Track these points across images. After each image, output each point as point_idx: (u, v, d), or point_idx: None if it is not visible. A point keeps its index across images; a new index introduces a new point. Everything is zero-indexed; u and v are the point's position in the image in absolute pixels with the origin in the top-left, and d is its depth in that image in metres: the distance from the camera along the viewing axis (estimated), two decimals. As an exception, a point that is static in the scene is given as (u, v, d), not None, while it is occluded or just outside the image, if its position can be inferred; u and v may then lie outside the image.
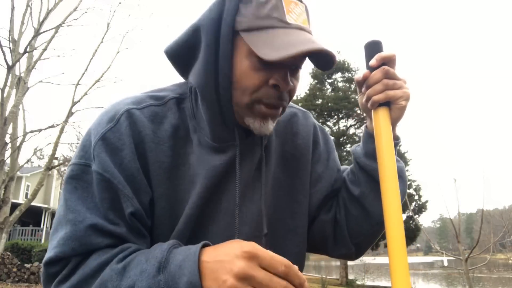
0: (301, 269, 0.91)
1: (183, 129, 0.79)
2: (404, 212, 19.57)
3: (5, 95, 9.08)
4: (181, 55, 0.80)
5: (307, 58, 0.77)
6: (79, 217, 0.68)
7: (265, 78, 0.72)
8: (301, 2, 0.75)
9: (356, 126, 20.96)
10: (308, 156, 0.92)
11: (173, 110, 0.79)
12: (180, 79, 0.86)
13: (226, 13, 0.72)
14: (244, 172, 0.80)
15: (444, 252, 6.45)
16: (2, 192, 8.88)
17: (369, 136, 0.87)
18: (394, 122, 0.83)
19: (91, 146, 0.72)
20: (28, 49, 9.64)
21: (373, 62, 0.80)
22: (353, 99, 20.11)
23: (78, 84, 10.34)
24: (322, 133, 0.99)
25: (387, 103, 0.80)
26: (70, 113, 10.08)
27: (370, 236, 0.91)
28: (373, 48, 0.82)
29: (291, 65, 0.74)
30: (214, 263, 0.58)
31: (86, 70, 10.50)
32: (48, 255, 0.69)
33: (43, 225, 19.71)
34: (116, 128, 0.73)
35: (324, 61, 0.75)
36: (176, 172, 0.76)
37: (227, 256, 0.58)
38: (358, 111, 19.54)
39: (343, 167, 1.01)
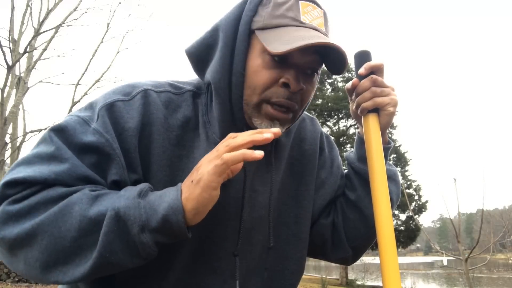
0: (301, 273, 0.92)
1: (194, 122, 0.79)
2: (404, 212, 19.56)
3: (5, 95, 9.09)
4: (199, 54, 0.81)
5: (323, 64, 0.76)
6: (65, 155, 0.65)
7: (276, 76, 0.73)
8: (320, 8, 0.76)
9: (356, 126, 20.82)
10: (314, 162, 0.93)
11: (188, 102, 0.80)
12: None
13: (245, 14, 0.75)
14: (250, 175, 0.80)
15: (444, 252, 6.46)
16: (2, 192, 8.87)
17: (362, 142, 0.89)
18: (383, 128, 0.84)
19: (97, 106, 0.72)
20: (28, 49, 9.65)
21: (361, 71, 0.82)
22: (353, 99, 20.00)
23: (78, 84, 10.36)
24: (328, 140, 1.00)
25: (376, 110, 0.82)
26: (70, 113, 10.07)
27: (367, 239, 0.93)
28: (362, 57, 0.84)
29: (306, 67, 0.74)
30: (191, 176, 0.64)
31: (86, 70, 10.53)
32: (12, 176, 0.63)
33: (43, 225, 19.70)
34: (129, 102, 0.73)
35: (336, 62, 0.75)
36: (178, 162, 0.76)
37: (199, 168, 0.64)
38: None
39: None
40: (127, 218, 0.60)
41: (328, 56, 0.74)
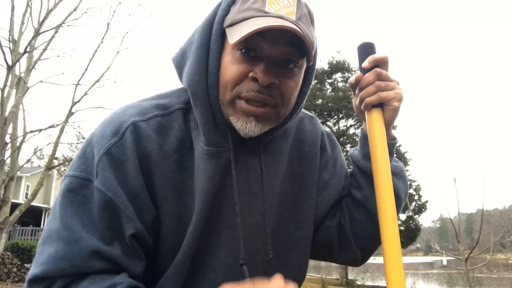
0: (302, 280, 0.89)
1: (188, 141, 0.76)
2: (404, 212, 19.56)
3: (5, 95, 9.07)
4: (178, 60, 0.79)
5: (302, 56, 0.72)
6: (73, 236, 0.65)
7: (245, 71, 0.70)
8: None
9: (356, 126, 20.91)
10: (315, 164, 0.90)
11: (179, 121, 0.77)
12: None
13: (218, 14, 0.74)
14: (241, 180, 0.77)
15: (444, 252, 6.46)
16: (2, 192, 8.87)
17: (366, 139, 0.86)
18: (388, 123, 0.82)
19: (93, 159, 0.70)
20: (28, 49, 9.62)
21: (365, 64, 0.80)
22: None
23: (78, 84, 10.32)
24: (329, 139, 0.97)
25: (380, 105, 0.80)
26: (70, 113, 10.06)
27: (376, 239, 0.90)
28: (366, 50, 0.81)
29: (278, 59, 0.71)
30: None
31: (86, 70, 10.49)
32: (33, 271, 0.65)
33: (43, 225, 19.70)
34: (120, 142, 0.70)
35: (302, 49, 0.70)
36: (182, 186, 0.74)
37: None
38: (358, 111, 19.43)
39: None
40: None
41: (303, 47, 0.70)
